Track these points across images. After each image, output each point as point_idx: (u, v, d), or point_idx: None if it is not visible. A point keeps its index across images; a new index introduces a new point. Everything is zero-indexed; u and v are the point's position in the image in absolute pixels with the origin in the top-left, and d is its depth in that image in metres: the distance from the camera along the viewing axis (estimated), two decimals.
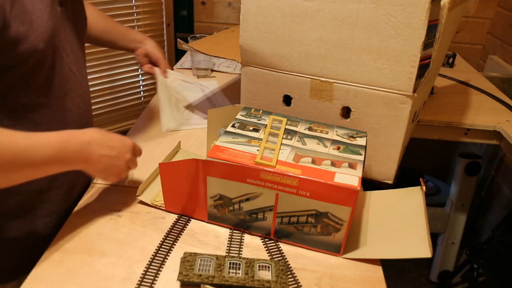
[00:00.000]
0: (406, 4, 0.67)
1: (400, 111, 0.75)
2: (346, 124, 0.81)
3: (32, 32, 0.58)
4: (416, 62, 0.70)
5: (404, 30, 0.68)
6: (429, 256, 0.59)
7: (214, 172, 0.64)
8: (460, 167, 1.49)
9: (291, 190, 0.62)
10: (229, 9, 1.85)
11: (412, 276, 1.77)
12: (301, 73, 0.81)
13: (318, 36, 0.76)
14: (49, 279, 0.58)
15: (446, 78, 1.41)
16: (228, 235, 0.69)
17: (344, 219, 0.61)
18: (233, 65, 1.44)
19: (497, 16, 1.72)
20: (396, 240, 0.65)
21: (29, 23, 0.57)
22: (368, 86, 0.76)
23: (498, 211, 1.62)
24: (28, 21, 0.57)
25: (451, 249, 1.63)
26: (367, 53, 0.73)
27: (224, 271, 0.59)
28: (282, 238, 0.68)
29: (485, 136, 1.13)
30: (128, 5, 1.65)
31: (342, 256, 0.66)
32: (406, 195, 0.73)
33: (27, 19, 0.57)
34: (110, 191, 0.77)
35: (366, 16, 0.70)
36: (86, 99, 0.77)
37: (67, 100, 0.70)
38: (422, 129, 1.11)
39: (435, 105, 1.18)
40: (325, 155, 0.65)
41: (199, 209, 0.70)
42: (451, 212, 1.56)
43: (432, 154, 2.01)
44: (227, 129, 0.71)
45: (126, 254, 0.63)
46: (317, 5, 0.73)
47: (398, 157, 0.80)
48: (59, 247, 0.64)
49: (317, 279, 0.61)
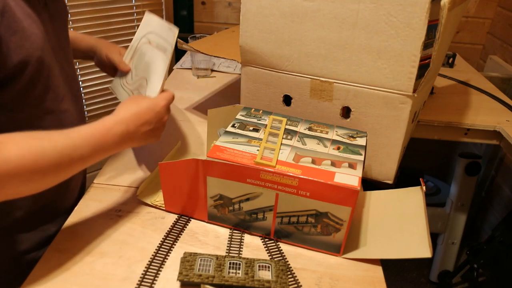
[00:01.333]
0: (406, 4, 0.67)
1: (400, 111, 0.75)
2: (346, 124, 0.81)
3: (26, 40, 0.56)
4: (416, 62, 0.70)
5: (404, 30, 0.68)
6: (429, 256, 0.59)
7: (214, 172, 0.64)
8: (460, 167, 1.49)
9: (291, 190, 0.62)
10: (229, 9, 1.85)
11: (412, 276, 1.77)
12: (301, 73, 0.81)
13: (318, 36, 0.76)
14: (49, 279, 0.58)
15: (446, 78, 1.41)
16: (228, 235, 0.69)
17: (344, 219, 0.61)
18: (233, 65, 1.45)
19: (497, 16, 1.72)
20: (396, 240, 0.65)
21: (22, 31, 0.56)
22: (368, 86, 0.76)
23: (498, 211, 1.62)
24: (20, 30, 0.55)
25: (451, 249, 1.63)
26: (367, 53, 0.73)
27: (224, 271, 0.59)
28: (282, 238, 0.68)
29: (485, 136, 1.13)
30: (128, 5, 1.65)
31: (342, 256, 0.66)
32: (406, 195, 0.73)
33: (19, 28, 0.55)
34: (110, 191, 0.77)
35: (366, 16, 0.70)
36: (79, 99, 0.77)
37: (65, 102, 0.69)
38: (422, 129, 1.11)
39: (435, 105, 1.18)
40: (325, 155, 0.65)
41: (199, 209, 0.70)
42: (451, 212, 1.56)
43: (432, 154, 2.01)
44: (227, 129, 0.71)
45: (126, 254, 0.63)
46: (317, 5, 0.73)
47: (398, 157, 0.80)
48: (59, 247, 0.64)
49: (317, 279, 0.61)
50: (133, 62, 0.85)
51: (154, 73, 0.77)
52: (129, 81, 0.84)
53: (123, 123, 0.62)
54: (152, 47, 0.80)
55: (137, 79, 0.82)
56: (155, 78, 0.76)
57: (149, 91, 0.76)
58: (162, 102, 0.68)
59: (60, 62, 0.68)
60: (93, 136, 0.58)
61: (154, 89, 0.75)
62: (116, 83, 0.88)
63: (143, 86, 0.79)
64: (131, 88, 0.83)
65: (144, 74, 0.80)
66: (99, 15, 1.60)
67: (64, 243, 0.65)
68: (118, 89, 0.88)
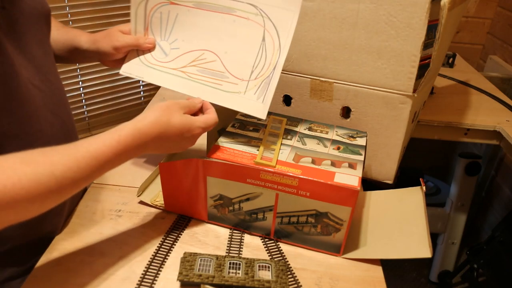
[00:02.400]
0: (406, 4, 0.67)
1: (400, 111, 0.75)
2: (346, 124, 0.81)
3: None
4: (416, 62, 0.70)
5: (404, 30, 0.68)
6: (429, 256, 0.59)
7: (214, 172, 0.64)
8: (460, 167, 1.49)
9: (291, 190, 0.62)
10: None
11: (412, 276, 1.77)
12: (301, 73, 0.81)
13: (318, 36, 0.76)
14: (49, 279, 0.58)
15: (446, 78, 1.41)
16: (228, 235, 0.69)
17: (344, 219, 0.61)
18: None
19: (497, 16, 1.72)
20: (396, 240, 0.65)
21: None
22: (368, 86, 0.76)
23: (498, 211, 1.62)
24: None
25: (451, 249, 1.63)
26: (367, 53, 0.73)
27: (224, 271, 0.59)
28: (282, 238, 0.68)
29: (485, 136, 1.13)
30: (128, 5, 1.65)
31: (342, 256, 0.66)
32: (406, 195, 0.73)
33: None
34: (110, 191, 0.77)
35: (366, 16, 0.70)
36: (61, 111, 0.64)
37: (35, 123, 0.57)
38: (422, 129, 1.11)
39: (435, 105, 1.18)
40: (325, 155, 0.65)
41: (199, 209, 0.70)
42: (451, 212, 1.55)
43: (432, 154, 2.01)
44: (227, 129, 0.71)
45: (126, 254, 0.63)
46: (317, 5, 0.73)
47: (398, 157, 0.80)
48: (59, 247, 0.64)
49: (317, 279, 0.61)
50: (152, 32, 0.67)
51: (245, 47, 0.59)
52: (161, 57, 0.65)
53: (141, 142, 0.53)
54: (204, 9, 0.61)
55: (184, 53, 0.64)
56: (250, 57, 0.59)
57: (241, 74, 0.60)
58: (198, 129, 0.58)
59: (28, 74, 0.56)
60: (104, 155, 0.49)
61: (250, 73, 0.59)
62: (135, 65, 0.68)
63: (213, 63, 0.62)
64: (179, 65, 0.64)
65: (206, 46, 0.62)
66: (99, 15, 1.60)
67: (64, 243, 0.65)
68: (143, 71, 0.68)
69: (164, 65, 0.64)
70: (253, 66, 0.61)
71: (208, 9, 0.60)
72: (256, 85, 0.61)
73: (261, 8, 0.58)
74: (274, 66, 0.59)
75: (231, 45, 0.61)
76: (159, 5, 0.63)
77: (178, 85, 0.65)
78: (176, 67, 0.63)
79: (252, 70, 0.61)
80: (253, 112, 0.61)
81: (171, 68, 0.64)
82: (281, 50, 0.58)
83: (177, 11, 0.62)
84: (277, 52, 0.59)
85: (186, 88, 0.65)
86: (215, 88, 0.63)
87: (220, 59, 0.61)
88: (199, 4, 0.59)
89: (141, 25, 0.65)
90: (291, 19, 0.57)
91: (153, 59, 0.65)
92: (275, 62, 0.58)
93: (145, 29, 0.65)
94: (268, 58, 0.59)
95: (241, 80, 0.61)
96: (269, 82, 0.59)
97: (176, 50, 0.64)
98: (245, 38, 0.60)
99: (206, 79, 0.64)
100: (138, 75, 0.67)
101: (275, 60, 0.58)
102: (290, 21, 0.57)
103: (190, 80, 0.64)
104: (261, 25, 0.59)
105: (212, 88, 0.63)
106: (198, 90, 0.64)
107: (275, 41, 0.59)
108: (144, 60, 0.66)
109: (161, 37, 0.65)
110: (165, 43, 0.65)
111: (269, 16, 0.58)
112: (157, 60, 0.65)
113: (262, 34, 0.59)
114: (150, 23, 0.65)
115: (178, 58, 0.64)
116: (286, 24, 0.57)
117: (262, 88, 0.60)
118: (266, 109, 0.60)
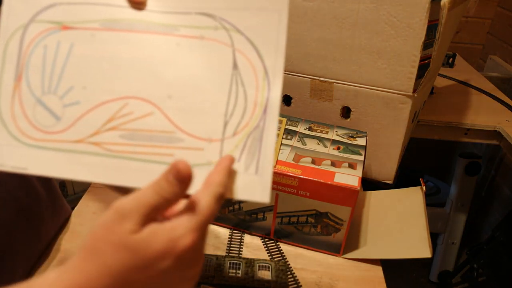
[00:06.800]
0: (406, 4, 0.67)
1: (400, 111, 0.75)
2: (346, 124, 0.81)
3: None
4: (416, 62, 0.70)
5: (404, 30, 0.68)
6: (429, 256, 0.59)
7: None
8: (460, 167, 1.49)
9: (291, 190, 0.62)
10: None
11: (412, 276, 1.77)
12: (301, 73, 0.81)
13: (318, 36, 0.76)
14: None
15: (446, 78, 1.41)
16: (228, 235, 0.69)
17: (344, 219, 0.61)
18: None
19: (497, 16, 1.72)
20: (396, 240, 0.65)
21: None
22: (368, 86, 0.76)
23: (498, 211, 1.62)
24: None
25: (451, 249, 1.63)
26: (367, 53, 0.73)
27: (224, 271, 0.59)
28: (282, 238, 0.68)
29: (485, 136, 1.13)
30: None
31: (342, 256, 0.66)
32: (406, 195, 0.73)
33: None
34: (110, 191, 0.77)
35: (366, 16, 0.70)
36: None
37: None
38: (422, 129, 1.11)
39: (435, 105, 1.18)
40: (325, 155, 0.65)
41: None
42: (451, 212, 1.55)
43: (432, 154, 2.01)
44: None
45: None
46: (317, 5, 0.73)
47: (398, 157, 0.80)
48: (59, 247, 0.64)
49: (317, 279, 0.61)
50: (27, 82, 0.37)
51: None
52: (49, 124, 0.37)
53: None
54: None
55: (90, 109, 0.36)
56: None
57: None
58: (186, 238, 0.32)
59: None
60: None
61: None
62: (6, 147, 0.37)
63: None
64: (85, 134, 0.37)
65: (131, 91, 0.36)
66: None
67: (64, 243, 0.64)
68: (23, 156, 0.37)
69: (57, 137, 0.37)
70: (226, 114, 0.37)
71: (128, 29, 0.36)
72: (237, 145, 0.37)
73: (222, 17, 0.37)
74: (263, 106, 0.39)
75: (178, 84, 0.36)
76: (44, 33, 0.37)
77: (90, 171, 0.37)
78: (79, 137, 0.36)
79: (225, 121, 0.37)
80: (246, 194, 0.36)
81: (72, 141, 0.37)
82: (271, 77, 0.39)
83: (72, 40, 0.36)
84: (264, 82, 0.39)
85: (107, 173, 0.37)
86: (161, 164, 0.36)
87: (161, 109, 0.36)
88: (111, 22, 0.36)
89: (11, 71, 0.37)
90: (277, 24, 0.37)
91: (36, 130, 0.37)
92: (263, 100, 0.38)
93: (16, 78, 0.37)
94: (250, 95, 0.38)
95: (207, 140, 0.37)
96: (260, 136, 0.37)
97: (75, 106, 0.37)
98: (202, 69, 0.37)
99: (140, 150, 0.37)
100: (15, 166, 0.36)
101: (263, 95, 0.39)
102: (275, 27, 0.37)
103: (112, 157, 0.37)
104: (227, 44, 0.37)
105: (156, 164, 0.37)
106: (129, 173, 0.37)
107: (256, 64, 0.38)
108: (20, 136, 0.36)
109: (44, 89, 0.37)
110: (53, 98, 0.37)
111: (238, 27, 0.37)
112: (43, 131, 0.37)
113: (232, 58, 0.37)
114: (26, 66, 0.37)
115: (81, 121, 0.37)
116: (270, 33, 0.37)
117: (250, 148, 0.37)
118: (266, 183, 0.36)
